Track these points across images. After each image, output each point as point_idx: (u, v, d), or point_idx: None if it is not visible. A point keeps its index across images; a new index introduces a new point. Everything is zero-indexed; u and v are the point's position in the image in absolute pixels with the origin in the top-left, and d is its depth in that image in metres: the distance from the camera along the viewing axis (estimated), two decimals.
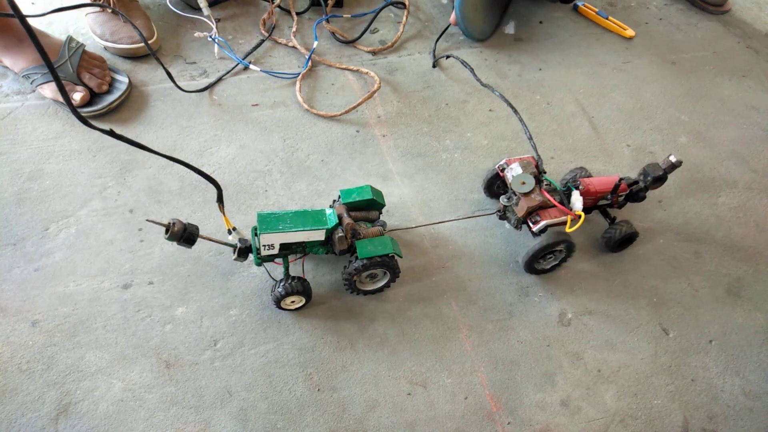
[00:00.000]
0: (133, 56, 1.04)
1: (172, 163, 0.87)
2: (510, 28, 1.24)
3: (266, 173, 0.90)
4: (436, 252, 0.84)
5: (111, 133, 0.52)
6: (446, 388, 0.72)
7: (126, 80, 0.97)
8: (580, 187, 0.82)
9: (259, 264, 0.72)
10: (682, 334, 0.80)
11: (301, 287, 0.72)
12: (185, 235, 0.64)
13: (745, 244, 0.91)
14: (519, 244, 0.86)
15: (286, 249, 0.71)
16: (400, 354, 0.74)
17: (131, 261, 0.78)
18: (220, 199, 0.65)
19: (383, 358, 0.73)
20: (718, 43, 1.31)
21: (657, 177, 0.83)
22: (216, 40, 1.06)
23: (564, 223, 0.77)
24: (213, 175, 0.88)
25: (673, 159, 0.80)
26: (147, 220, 0.70)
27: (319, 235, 0.69)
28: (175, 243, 0.67)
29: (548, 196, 0.77)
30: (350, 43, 1.14)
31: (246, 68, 1.05)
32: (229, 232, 0.70)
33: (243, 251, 0.71)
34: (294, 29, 1.13)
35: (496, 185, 0.88)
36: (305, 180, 0.90)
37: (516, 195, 0.78)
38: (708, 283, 0.86)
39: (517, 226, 0.81)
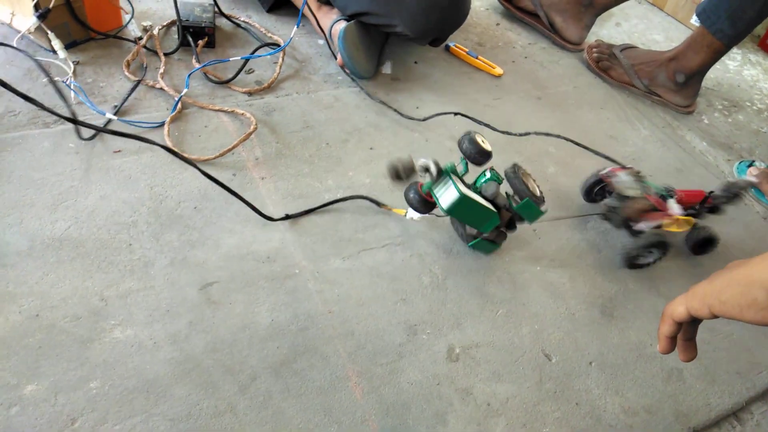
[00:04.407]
0: None
1: (21, 219, 0.79)
2: (387, 68, 1.26)
3: (130, 225, 0.83)
4: (321, 296, 0.81)
5: None
6: None
7: None
8: (675, 197, 0.95)
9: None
10: (564, 359, 0.82)
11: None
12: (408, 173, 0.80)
13: (614, 266, 0.97)
14: (405, 281, 0.86)
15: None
16: (285, 412, 0.69)
17: None
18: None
19: (267, 419, 0.68)
20: (578, 79, 1.42)
21: (735, 194, 0.96)
22: (72, 86, 0.98)
23: (660, 225, 0.91)
24: (68, 231, 0.80)
25: (753, 179, 0.95)
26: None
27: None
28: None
29: (656, 201, 0.92)
30: (224, 83, 1.10)
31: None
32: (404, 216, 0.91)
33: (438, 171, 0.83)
34: (162, 70, 1.07)
35: (594, 191, 1.00)
36: (176, 230, 0.84)
37: (623, 199, 0.92)
38: (584, 305, 0.89)
39: (619, 227, 0.94)
